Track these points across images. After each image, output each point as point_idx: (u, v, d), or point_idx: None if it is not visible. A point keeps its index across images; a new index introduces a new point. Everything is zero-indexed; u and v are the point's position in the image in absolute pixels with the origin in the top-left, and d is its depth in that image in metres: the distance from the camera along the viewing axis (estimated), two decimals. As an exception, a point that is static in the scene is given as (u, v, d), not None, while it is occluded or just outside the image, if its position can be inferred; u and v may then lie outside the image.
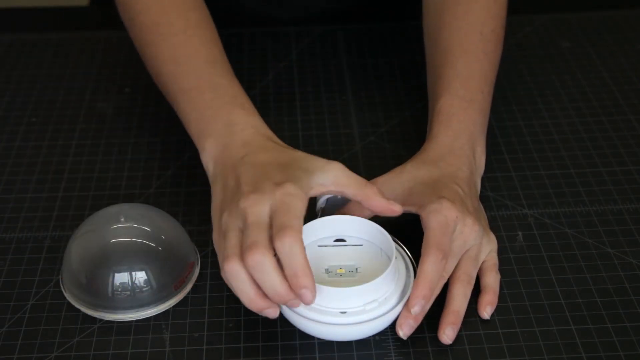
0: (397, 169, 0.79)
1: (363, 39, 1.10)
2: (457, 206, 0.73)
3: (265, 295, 0.67)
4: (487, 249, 0.76)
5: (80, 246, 0.74)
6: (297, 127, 0.95)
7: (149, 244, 0.74)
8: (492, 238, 0.77)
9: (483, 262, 0.76)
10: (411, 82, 1.01)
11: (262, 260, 0.66)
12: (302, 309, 0.69)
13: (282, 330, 0.72)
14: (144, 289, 0.73)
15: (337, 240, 0.75)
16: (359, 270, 0.73)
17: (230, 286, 0.69)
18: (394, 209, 0.72)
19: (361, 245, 0.74)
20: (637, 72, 1.02)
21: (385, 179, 0.78)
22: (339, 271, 0.73)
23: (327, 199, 0.78)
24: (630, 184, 0.86)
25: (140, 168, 0.90)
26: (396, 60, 1.05)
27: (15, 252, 0.80)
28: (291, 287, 0.66)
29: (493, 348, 0.70)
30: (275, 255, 0.67)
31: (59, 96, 1.00)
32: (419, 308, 0.69)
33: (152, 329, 0.73)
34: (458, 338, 0.71)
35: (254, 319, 0.73)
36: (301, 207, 0.69)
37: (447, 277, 0.73)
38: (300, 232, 0.66)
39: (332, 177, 0.72)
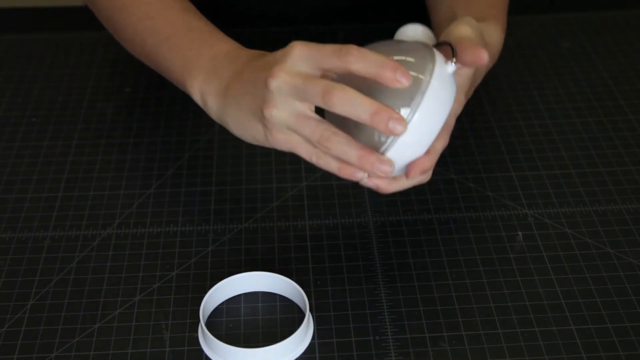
0: None
1: (363, 39, 1.09)
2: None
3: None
4: None
5: None
6: (297, 127, 0.94)
7: None
8: None
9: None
10: (411, 82, 1.01)
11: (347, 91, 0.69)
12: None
13: (282, 330, 0.72)
14: None
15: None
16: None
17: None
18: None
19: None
20: (637, 72, 1.02)
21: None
22: None
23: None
24: (630, 184, 0.86)
25: (140, 168, 0.90)
26: (396, 60, 1.05)
27: (15, 252, 0.80)
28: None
29: (493, 348, 0.70)
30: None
31: (59, 96, 1.00)
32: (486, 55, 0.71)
33: (152, 329, 0.73)
34: (458, 338, 0.71)
35: (254, 319, 0.73)
36: None
37: None
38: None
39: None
